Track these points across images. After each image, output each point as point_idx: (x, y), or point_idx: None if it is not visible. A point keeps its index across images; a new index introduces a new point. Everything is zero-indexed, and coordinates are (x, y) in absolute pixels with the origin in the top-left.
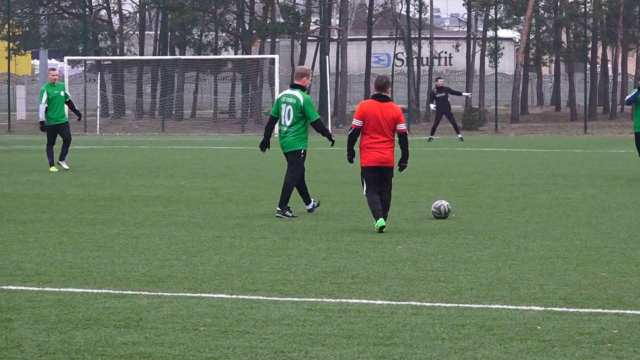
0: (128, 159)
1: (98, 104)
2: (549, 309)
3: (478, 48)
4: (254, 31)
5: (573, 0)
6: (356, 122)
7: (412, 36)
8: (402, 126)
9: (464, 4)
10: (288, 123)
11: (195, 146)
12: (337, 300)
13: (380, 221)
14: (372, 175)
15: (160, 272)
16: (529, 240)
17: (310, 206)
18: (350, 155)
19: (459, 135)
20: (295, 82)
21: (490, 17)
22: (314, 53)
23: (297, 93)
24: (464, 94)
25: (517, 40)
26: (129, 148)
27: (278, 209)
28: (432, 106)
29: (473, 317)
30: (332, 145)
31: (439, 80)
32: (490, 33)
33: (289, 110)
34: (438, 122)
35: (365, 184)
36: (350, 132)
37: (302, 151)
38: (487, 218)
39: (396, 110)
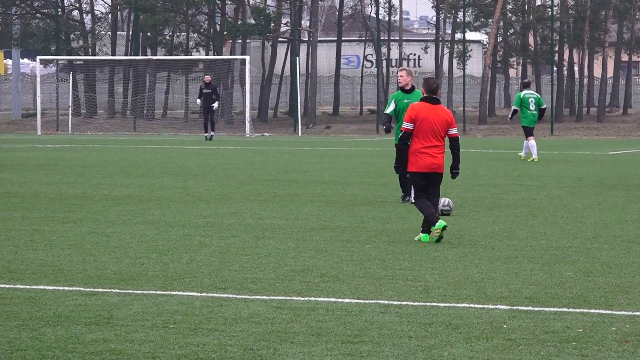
0: (100, 158)
1: (70, 104)
2: (514, 307)
3: (446, 50)
4: (225, 32)
5: (540, 3)
6: (407, 125)
7: (382, 38)
8: (454, 130)
9: (432, 7)
10: None
11: (166, 145)
12: (306, 298)
13: (440, 222)
14: (422, 181)
15: (131, 270)
16: (496, 240)
17: (406, 198)
18: (399, 165)
19: (211, 133)
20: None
21: (458, 20)
22: (285, 54)
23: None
24: (216, 104)
25: (485, 42)
26: (100, 147)
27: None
28: (199, 101)
29: (440, 315)
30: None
31: (207, 77)
32: (458, 35)
33: None
34: (207, 118)
35: (414, 190)
36: (400, 135)
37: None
38: (454, 218)
39: (449, 113)
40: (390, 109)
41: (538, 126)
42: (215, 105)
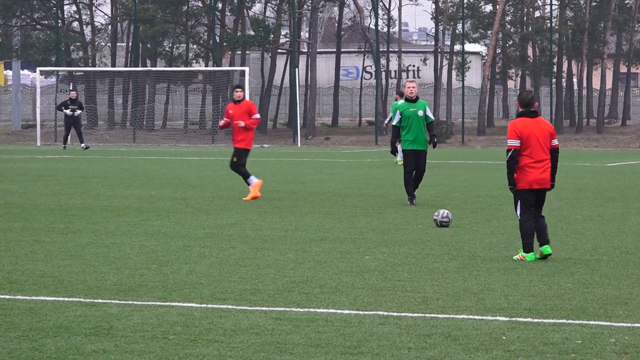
0: (99, 169)
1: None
2: (513, 319)
3: (445, 62)
4: (224, 43)
5: (539, 15)
6: (514, 143)
7: (381, 50)
8: (555, 142)
9: (431, 19)
10: None
11: (166, 157)
12: (305, 309)
13: (546, 248)
14: (531, 199)
15: (131, 281)
16: (495, 251)
17: (413, 202)
18: (514, 185)
19: (82, 145)
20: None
21: (457, 32)
22: (284, 66)
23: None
24: (77, 111)
25: (483, 54)
26: (100, 158)
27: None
28: (69, 112)
29: (439, 327)
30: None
31: (72, 92)
32: (457, 47)
33: None
34: (68, 131)
35: (521, 208)
36: (509, 154)
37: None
38: (453, 229)
39: (549, 125)
40: (396, 120)
41: None
42: (77, 112)
